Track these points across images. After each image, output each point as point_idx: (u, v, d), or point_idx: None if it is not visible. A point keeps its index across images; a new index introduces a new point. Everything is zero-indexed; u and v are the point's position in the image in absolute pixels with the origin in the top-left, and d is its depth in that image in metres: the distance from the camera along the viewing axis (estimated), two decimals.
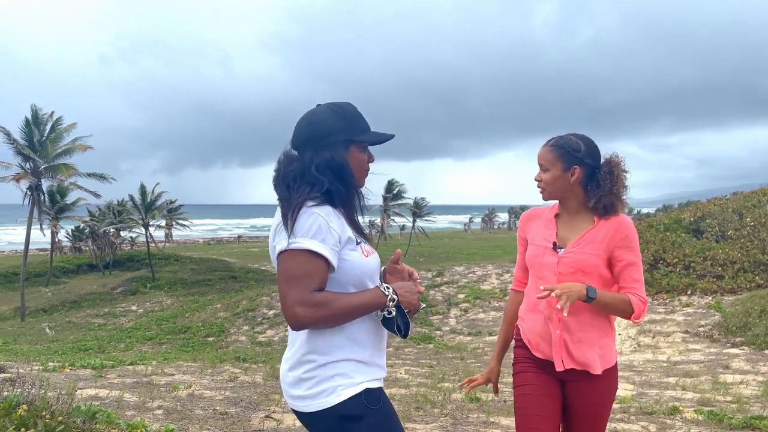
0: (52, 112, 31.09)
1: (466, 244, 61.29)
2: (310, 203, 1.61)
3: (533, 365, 2.20)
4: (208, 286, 32.83)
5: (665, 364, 8.52)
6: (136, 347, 17.28)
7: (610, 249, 2.09)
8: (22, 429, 2.44)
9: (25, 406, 2.52)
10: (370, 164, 1.77)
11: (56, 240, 44.19)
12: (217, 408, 4.67)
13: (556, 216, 2.22)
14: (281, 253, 1.58)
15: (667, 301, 12.47)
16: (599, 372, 2.12)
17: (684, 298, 12.41)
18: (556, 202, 2.24)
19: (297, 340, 1.69)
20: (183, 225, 57.83)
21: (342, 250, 1.64)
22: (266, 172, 1.77)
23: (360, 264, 1.67)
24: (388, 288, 1.65)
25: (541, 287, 2.00)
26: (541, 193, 2.18)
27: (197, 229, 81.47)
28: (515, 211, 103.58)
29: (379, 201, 49.11)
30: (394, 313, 1.65)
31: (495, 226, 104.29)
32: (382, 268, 1.84)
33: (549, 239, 2.17)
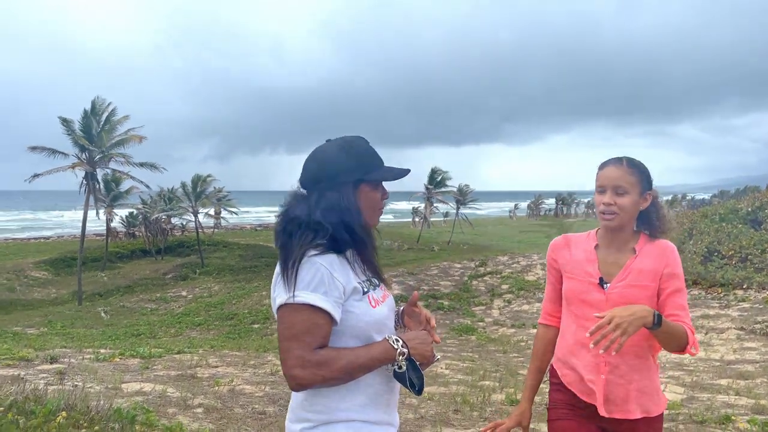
0: (109, 103, 32.16)
1: (510, 232, 60.44)
2: (312, 252, 1.50)
3: (571, 412, 2.02)
4: (254, 273, 33.49)
5: (718, 364, 8.19)
6: (185, 333, 17.83)
7: (659, 276, 1.92)
8: None
9: (64, 413, 2.59)
10: (384, 201, 1.66)
11: (111, 226, 45.91)
12: (256, 406, 4.73)
13: (596, 247, 2.02)
14: (281, 307, 1.49)
15: (721, 296, 11.98)
16: (651, 416, 1.94)
17: (740, 293, 11.91)
18: (594, 230, 2.07)
19: (296, 395, 1.59)
20: (231, 212, 59.12)
21: (347, 301, 1.53)
22: None
23: (365, 316, 1.55)
24: (397, 341, 1.53)
25: (595, 315, 1.76)
26: (609, 219, 1.93)
27: (245, 216, 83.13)
28: (563, 198, 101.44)
29: (422, 189, 48.87)
30: (405, 368, 1.53)
31: (541, 213, 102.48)
32: (400, 308, 1.75)
33: (593, 274, 1.97)
